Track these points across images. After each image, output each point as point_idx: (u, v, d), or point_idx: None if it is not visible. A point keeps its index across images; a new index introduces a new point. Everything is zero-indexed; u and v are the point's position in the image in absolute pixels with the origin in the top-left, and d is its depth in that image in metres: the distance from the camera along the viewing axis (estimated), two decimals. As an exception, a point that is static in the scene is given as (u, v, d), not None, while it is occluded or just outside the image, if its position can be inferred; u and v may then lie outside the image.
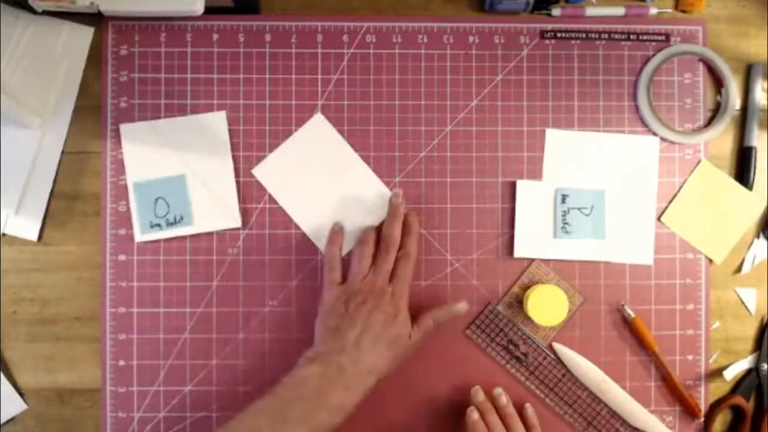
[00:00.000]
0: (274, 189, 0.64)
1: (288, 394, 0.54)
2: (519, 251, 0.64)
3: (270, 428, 0.52)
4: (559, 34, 0.66)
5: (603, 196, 0.65)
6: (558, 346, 0.64)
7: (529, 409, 0.62)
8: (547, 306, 0.61)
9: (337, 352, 0.56)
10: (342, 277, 0.61)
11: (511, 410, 0.61)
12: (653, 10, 0.66)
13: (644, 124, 0.66)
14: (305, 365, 0.56)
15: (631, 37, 0.66)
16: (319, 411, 0.54)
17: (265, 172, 0.64)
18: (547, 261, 0.65)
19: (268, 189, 0.64)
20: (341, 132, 0.65)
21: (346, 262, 0.63)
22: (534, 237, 0.65)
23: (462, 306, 0.62)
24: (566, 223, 0.64)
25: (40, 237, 0.64)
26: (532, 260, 0.65)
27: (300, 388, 0.55)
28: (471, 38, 0.66)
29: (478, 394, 0.62)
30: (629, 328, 0.65)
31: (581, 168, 0.65)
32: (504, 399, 0.62)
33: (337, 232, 0.63)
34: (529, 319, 0.62)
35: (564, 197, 0.65)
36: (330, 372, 0.55)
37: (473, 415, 0.60)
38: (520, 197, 0.65)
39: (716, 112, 0.66)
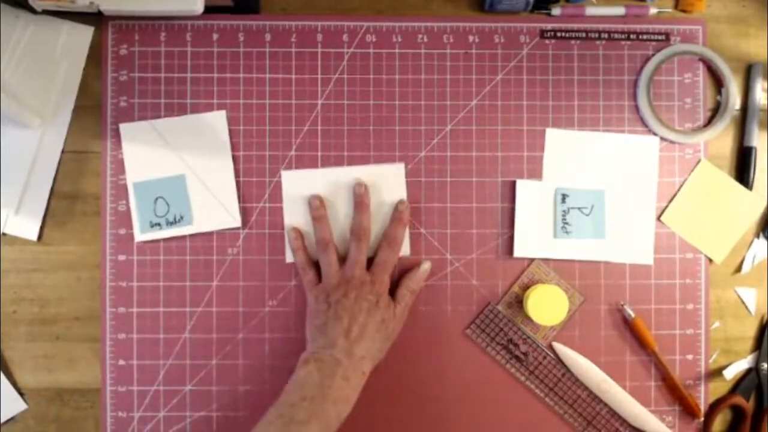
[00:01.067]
0: (290, 198, 0.64)
1: (291, 398, 0.55)
2: (519, 251, 0.64)
3: None
4: (559, 34, 0.66)
5: (603, 196, 0.65)
6: (558, 346, 0.64)
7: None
8: (547, 306, 0.61)
9: (329, 346, 0.57)
10: (318, 278, 0.62)
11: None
12: (653, 10, 0.66)
13: (644, 123, 0.66)
14: (301, 367, 0.57)
15: (631, 36, 0.66)
16: (324, 406, 0.54)
17: (291, 178, 0.64)
18: (547, 261, 0.65)
19: (285, 193, 0.64)
20: (340, 132, 0.65)
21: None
22: (534, 237, 0.65)
23: (426, 266, 0.63)
24: (566, 223, 0.64)
25: (40, 237, 0.64)
26: (532, 260, 0.65)
27: (301, 389, 0.55)
28: (471, 38, 0.66)
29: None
30: (629, 328, 0.65)
31: (581, 168, 0.65)
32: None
33: (295, 237, 0.63)
34: (529, 318, 0.62)
35: (564, 197, 0.65)
36: (326, 367, 0.56)
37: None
38: (519, 197, 0.65)
39: (716, 112, 0.66)
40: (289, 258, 0.64)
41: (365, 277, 0.60)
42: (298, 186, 0.64)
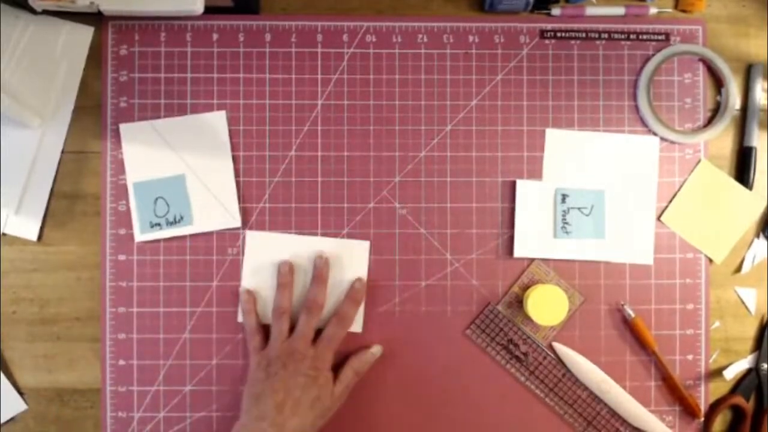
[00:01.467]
0: (252, 258, 0.64)
1: None
2: (519, 251, 0.64)
3: None
4: (559, 34, 0.66)
5: (603, 196, 0.65)
6: (558, 346, 0.64)
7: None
8: (547, 306, 0.61)
9: (261, 419, 0.56)
10: (264, 343, 0.61)
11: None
12: (653, 10, 0.66)
13: (644, 124, 0.66)
14: None
15: (631, 36, 0.66)
16: None
17: (256, 239, 0.64)
18: (547, 261, 0.65)
19: (247, 253, 0.64)
20: (340, 132, 0.65)
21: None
22: (534, 237, 0.65)
23: (376, 350, 0.63)
24: (566, 223, 0.64)
25: (40, 237, 0.64)
26: (532, 260, 0.65)
27: None
28: (471, 38, 0.66)
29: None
30: (629, 328, 0.65)
31: (581, 168, 0.65)
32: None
33: (246, 300, 0.63)
34: (529, 318, 0.62)
35: (564, 197, 0.65)
36: None
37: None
38: (520, 197, 0.65)
39: (716, 112, 0.66)
40: (239, 318, 0.64)
41: (308, 351, 0.59)
42: (263, 248, 0.64)
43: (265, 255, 0.64)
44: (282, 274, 0.62)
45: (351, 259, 0.64)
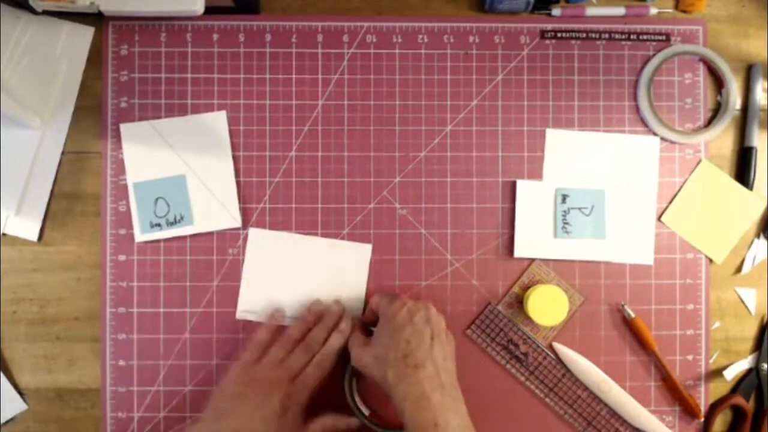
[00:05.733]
0: (253, 257, 0.64)
1: None
2: (519, 251, 0.64)
3: None
4: (559, 34, 0.66)
5: (603, 196, 0.65)
6: (558, 346, 0.64)
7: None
8: (547, 306, 0.61)
9: None
10: (258, 362, 0.59)
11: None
12: (653, 10, 0.66)
13: (644, 124, 0.66)
14: None
15: (632, 37, 0.66)
16: None
17: (258, 237, 0.64)
18: (547, 261, 0.65)
19: (249, 249, 0.64)
20: (341, 132, 0.65)
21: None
22: (534, 237, 0.65)
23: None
24: (566, 223, 0.64)
25: (40, 237, 0.64)
26: (532, 260, 0.65)
27: None
28: (471, 38, 0.66)
29: None
30: (629, 328, 0.65)
31: (581, 168, 0.65)
32: None
33: (275, 316, 0.62)
34: (529, 319, 0.62)
35: (564, 197, 0.65)
36: None
37: None
38: (520, 197, 0.65)
39: (716, 112, 0.66)
40: (237, 315, 0.63)
41: (287, 386, 0.57)
42: (264, 245, 0.64)
43: (266, 252, 0.64)
44: (310, 311, 0.62)
45: (352, 261, 0.64)
